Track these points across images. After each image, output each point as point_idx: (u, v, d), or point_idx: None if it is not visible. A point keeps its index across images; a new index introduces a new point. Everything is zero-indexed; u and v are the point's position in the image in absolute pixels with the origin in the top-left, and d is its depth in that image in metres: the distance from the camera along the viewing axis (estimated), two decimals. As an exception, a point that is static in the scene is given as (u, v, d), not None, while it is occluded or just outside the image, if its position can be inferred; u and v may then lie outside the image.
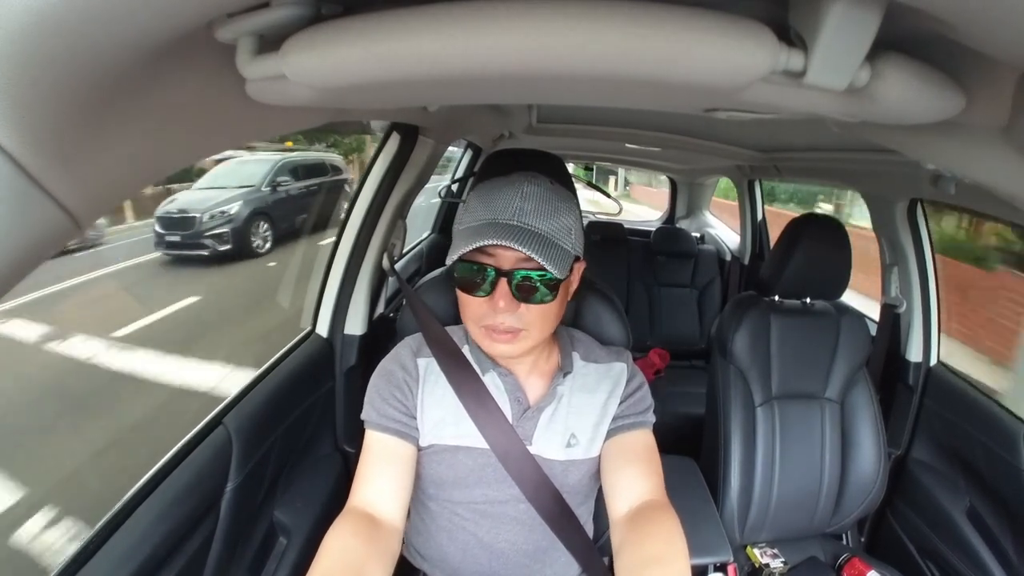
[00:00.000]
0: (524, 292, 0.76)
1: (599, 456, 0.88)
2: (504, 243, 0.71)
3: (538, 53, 0.43)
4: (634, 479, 0.82)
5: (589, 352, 0.93)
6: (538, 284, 0.76)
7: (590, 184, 3.97)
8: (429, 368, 0.88)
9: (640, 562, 0.69)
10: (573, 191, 0.94)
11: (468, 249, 0.72)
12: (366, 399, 0.86)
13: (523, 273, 0.75)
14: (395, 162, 1.36)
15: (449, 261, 0.75)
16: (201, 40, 0.46)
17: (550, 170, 0.95)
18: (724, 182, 3.71)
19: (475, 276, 0.76)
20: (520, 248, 0.71)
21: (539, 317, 0.78)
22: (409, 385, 0.86)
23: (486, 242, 0.71)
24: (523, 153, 1.15)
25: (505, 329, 0.77)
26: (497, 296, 0.75)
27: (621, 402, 0.89)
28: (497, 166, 1.11)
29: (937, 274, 1.64)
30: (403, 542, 0.84)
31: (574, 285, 0.86)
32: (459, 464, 0.85)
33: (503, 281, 0.75)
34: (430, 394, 0.86)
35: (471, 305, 0.79)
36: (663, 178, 4.38)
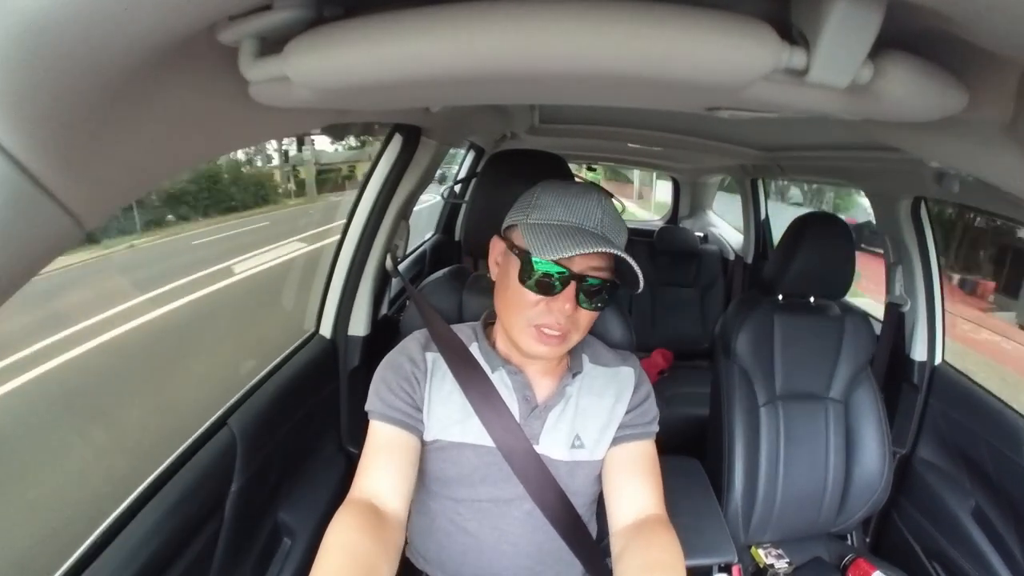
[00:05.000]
0: (589, 297, 0.78)
1: (603, 460, 0.89)
2: (615, 252, 0.74)
3: (540, 53, 0.43)
4: (636, 492, 0.84)
5: (597, 355, 0.94)
6: (597, 290, 0.78)
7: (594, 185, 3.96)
8: (437, 363, 0.88)
9: (643, 566, 0.71)
10: None
11: (586, 251, 0.72)
12: (371, 390, 0.86)
13: (592, 280, 0.77)
14: (398, 163, 1.37)
15: (552, 256, 0.73)
16: (203, 43, 0.46)
17: (554, 171, 0.95)
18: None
19: (548, 276, 0.77)
20: (632, 262, 0.74)
21: (587, 322, 0.81)
22: (417, 378, 0.86)
23: (601, 249, 0.73)
24: (526, 154, 1.15)
25: (557, 330, 0.78)
26: (563, 298, 0.77)
27: (629, 411, 0.89)
28: (501, 167, 1.11)
29: (941, 273, 1.64)
30: (406, 542, 0.84)
31: None
32: (464, 461, 0.85)
33: (573, 284, 0.77)
34: (437, 389, 0.86)
35: (526, 302, 0.79)
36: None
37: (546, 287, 0.77)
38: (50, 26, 0.30)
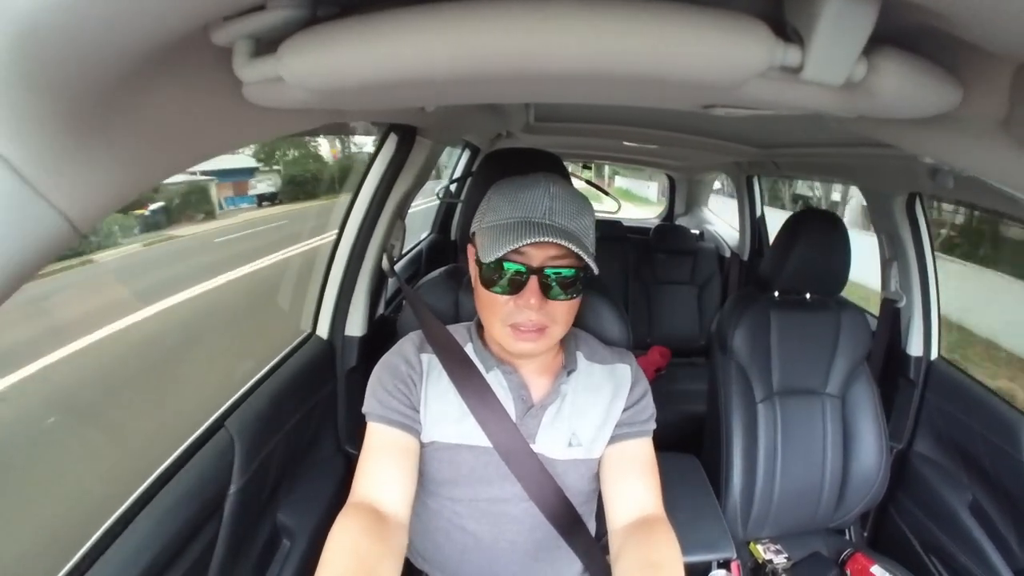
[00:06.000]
0: (552, 289, 0.77)
1: (600, 458, 0.89)
2: (552, 240, 0.72)
3: (534, 52, 0.43)
4: (634, 491, 0.84)
5: (593, 352, 0.94)
6: (566, 281, 0.77)
7: (589, 183, 3.98)
8: (432, 364, 0.88)
9: (640, 567, 0.71)
10: None
11: (515, 247, 0.72)
12: (368, 392, 0.86)
13: (553, 270, 0.76)
14: (393, 163, 1.36)
15: (490, 258, 0.74)
16: (197, 44, 0.46)
17: (549, 169, 0.94)
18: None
19: (506, 274, 0.77)
20: (568, 245, 0.72)
21: (564, 313, 0.80)
22: (412, 379, 0.86)
23: (532, 240, 0.72)
24: (522, 153, 1.15)
25: (532, 327, 0.78)
26: (528, 293, 0.76)
27: (626, 409, 0.89)
28: (495, 166, 1.11)
29: (936, 268, 1.64)
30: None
31: None
32: (461, 462, 0.85)
33: (534, 279, 0.76)
34: (433, 390, 0.86)
35: (497, 304, 0.79)
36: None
37: (508, 286, 0.77)
38: (42, 29, 0.30)
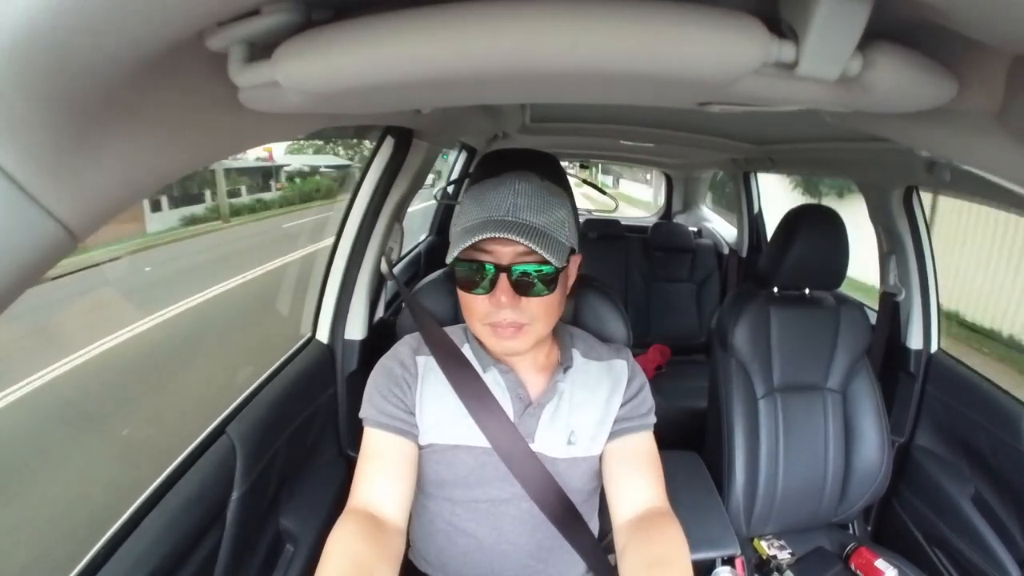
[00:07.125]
0: (524, 286, 0.77)
1: (601, 455, 0.89)
2: (502, 235, 0.72)
3: (529, 52, 0.43)
4: (637, 485, 0.84)
5: (589, 349, 0.94)
6: (537, 277, 0.77)
7: (585, 182, 3.99)
8: (428, 366, 0.88)
9: (646, 563, 0.71)
10: (567, 187, 0.95)
11: (466, 245, 0.73)
12: (365, 397, 0.86)
13: (522, 267, 0.76)
14: (390, 166, 1.36)
15: (449, 260, 0.76)
16: (192, 50, 0.46)
17: (544, 168, 0.95)
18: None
19: (475, 274, 0.77)
20: (518, 239, 0.72)
21: (541, 309, 0.80)
22: (408, 382, 0.86)
23: (483, 236, 0.72)
24: (517, 153, 1.14)
25: (509, 324, 0.78)
26: (498, 292, 0.76)
27: (623, 404, 0.89)
28: (491, 166, 1.10)
29: (935, 260, 1.65)
30: (408, 545, 0.84)
31: (572, 278, 0.86)
32: (459, 463, 0.84)
33: (503, 276, 0.76)
34: (430, 392, 0.86)
35: (474, 304, 0.79)
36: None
37: (480, 285, 0.78)
38: (38, 37, 0.30)
